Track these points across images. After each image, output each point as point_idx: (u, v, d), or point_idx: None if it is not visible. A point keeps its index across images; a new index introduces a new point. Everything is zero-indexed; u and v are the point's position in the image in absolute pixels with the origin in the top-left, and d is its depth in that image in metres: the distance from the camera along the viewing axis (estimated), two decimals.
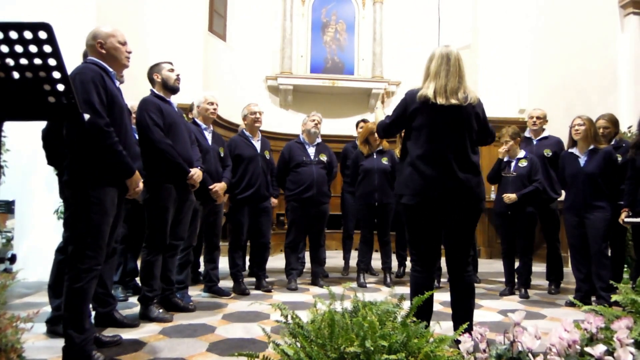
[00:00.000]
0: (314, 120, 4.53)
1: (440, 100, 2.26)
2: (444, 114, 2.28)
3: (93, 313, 2.72)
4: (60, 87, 1.49)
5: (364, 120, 5.54)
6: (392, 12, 9.31)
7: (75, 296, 2.27)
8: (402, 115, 2.40)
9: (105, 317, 2.88)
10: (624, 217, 3.38)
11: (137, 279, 3.92)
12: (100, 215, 2.32)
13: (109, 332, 2.73)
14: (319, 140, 4.61)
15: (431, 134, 2.29)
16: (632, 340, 1.64)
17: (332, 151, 4.75)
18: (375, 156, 4.62)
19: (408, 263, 5.28)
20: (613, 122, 4.00)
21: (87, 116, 1.88)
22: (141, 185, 2.54)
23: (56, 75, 1.47)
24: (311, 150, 4.51)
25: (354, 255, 5.01)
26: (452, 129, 2.29)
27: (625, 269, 4.65)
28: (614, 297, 2.03)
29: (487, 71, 7.66)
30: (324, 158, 4.53)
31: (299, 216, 4.42)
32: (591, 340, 1.77)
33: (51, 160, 2.91)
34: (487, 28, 7.70)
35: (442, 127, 2.29)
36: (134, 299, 3.56)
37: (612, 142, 3.92)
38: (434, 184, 2.26)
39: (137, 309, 3.22)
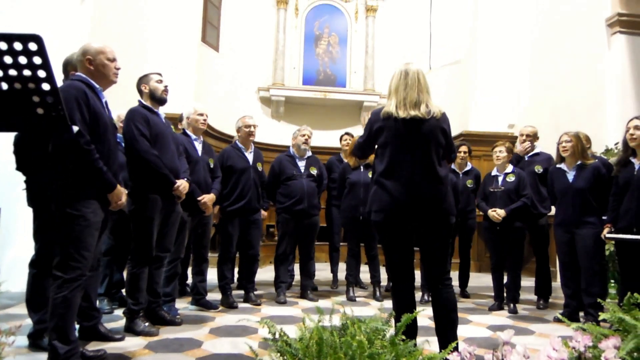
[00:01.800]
0: (304, 135, 4.53)
1: (402, 113, 2.27)
2: (407, 127, 2.28)
3: (77, 327, 2.67)
4: (49, 99, 1.48)
5: (347, 134, 5.56)
6: (384, 25, 9.41)
7: (60, 307, 2.27)
8: (368, 135, 2.45)
9: (89, 330, 2.83)
10: (606, 233, 3.41)
11: (124, 291, 3.86)
12: (83, 227, 2.33)
13: (93, 346, 2.68)
14: (309, 154, 4.61)
15: (395, 149, 2.30)
16: None
17: (322, 164, 4.76)
18: (362, 170, 4.63)
19: None
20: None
21: (75, 128, 1.87)
22: (124, 198, 2.55)
23: (45, 87, 1.46)
24: (301, 164, 4.51)
25: (342, 267, 5.00)
26: (416, 143, 2.29)
27: (612, 284, 4.70)
28: (602, 315, 2.03)
29: (478, 86, 7.74)
30: (314, 171, 4.53)
31: (290, 228, 4.40)
32: (579, 359, 1.77)
33: (20, 166, 2.86)
34: (478, 44, 7.79)
35: (405, 141, 2.29)
36: (120, 311, 3.51)
37: None
38: (398, 200, 2.26)
39: (122, 322, 3.17)
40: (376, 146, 2.45)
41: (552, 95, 6.62)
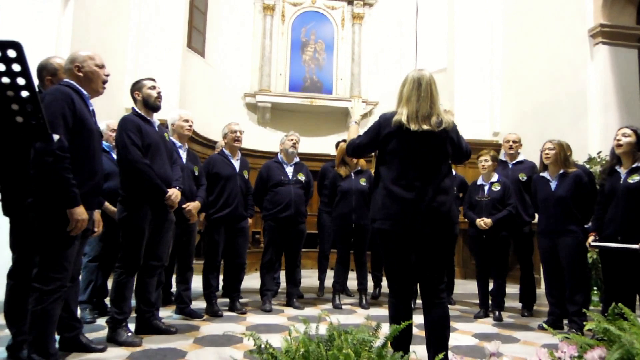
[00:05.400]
0: (292, 140, 4.52)
1: (413, 127, 2.26)
2: (417, 139, 2.28)
3: (58, 338, 2.61)
4: (29, 107, 1.44)
5: (344, 141, 5.53)
6: (370, 33, 9.46)
7: (39, 319, 2.23)
8: (375, 138, 2.40)
9: (70, 341, 2.76)
10: (591, 241, 3.44)
11: (106, 300, 3.79)
12: (63, 237, 2.28)
13: (74, 358, 2.62)
14: (296, 159, 4.60)
15: (404, 159, 2.29)
16: None
17: (309, 171, 4.74)
18: (353, 177, 4.63)
19: (384, 284, 5.27)
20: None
21: (56, 136, 1.83)
22: (84, 224, 2.38)
23: (24, 94, 1.43)
24: (289, 170, 4.50)
25: (330, 275, 4.97)
26: (426, 154, 2.29)
27: (595, 292, 4.76)
28: (587, 325, 2.04)
29: (463, 94, 7.81)
30: (302, 177, 4.52)
31: (276, 236, 4.37)
32: None
33: None
34: (463, 52, 7.89)
35: (415, 152, 2.28)
36: (102, 320, 3.43)
37: None
38: (407, 208, 2.25)
39: (104, 332, 3.10)
40: (381, 153, 2.41)
41: (536, 104, 6.71)
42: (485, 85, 7.75)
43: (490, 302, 4.27)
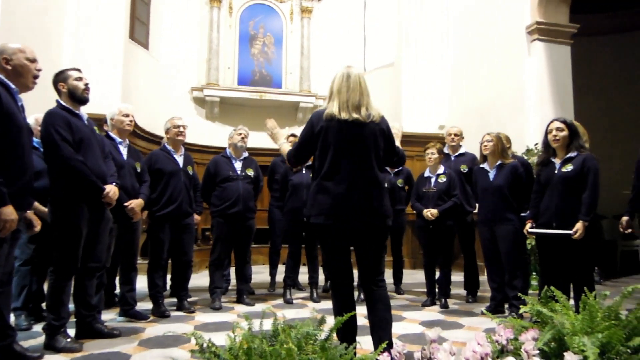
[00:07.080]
0: (240, 134, 4.45)
1: (344, 115, 2.28)
2: (348, 130, 2.30)
3: None
4: None
5: (293, 135, 5.50)
6: (319, 27, 9.46)
7: None
8: (310, 135, 2.39)
9: (3, 350, 2.59)
10: (528, 228, 3.60)
11: (43, 305, 3.59)
12: None
13: None
14: (245, 154, 4.53)
15: (336, 151, 2.30)
16: (537, 351, 1.74)
17: (258, 166, 4.69)
18: (304, 171, 4.62)
19: None
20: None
21: None
22: (13, 224, 2.26)
23: None
24: (238, 165, 4.43)
25: (281, 270, 4.96)
26: (357, 146, 2.31)
27: (534, 276, 5.00)
28: (522, 309, 2.14)
29: (410, 88, 7.98)
30: (250, 173, 4.46)
31: (224, 232, 4.30)
32: (502, 352, 1.85)
33: None
34: (410, 48, 8.04)
35: (346, 143, 2.30)
36: (39, 327, 3.25)
37: None
38: (339, 202, 2.27)
39: (41, 339, 2.93)
40: (315, 149, 2.41)
41: (478, 98, 6.96)
42: (432, 79, 7.95)
43: (437, 290, 4.40)
